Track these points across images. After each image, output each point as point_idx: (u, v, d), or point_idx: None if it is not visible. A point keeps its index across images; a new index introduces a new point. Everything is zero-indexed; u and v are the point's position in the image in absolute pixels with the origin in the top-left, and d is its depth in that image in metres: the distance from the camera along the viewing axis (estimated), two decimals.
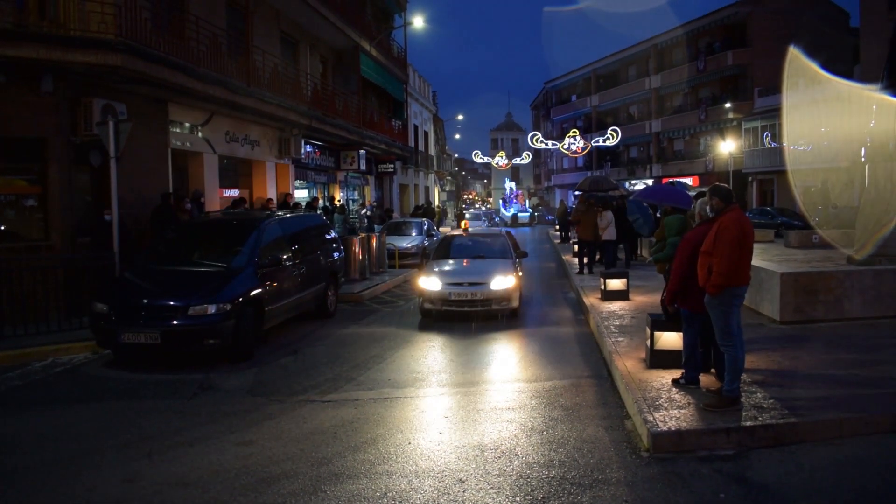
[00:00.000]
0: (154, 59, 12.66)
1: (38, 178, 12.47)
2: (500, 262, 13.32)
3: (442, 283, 12.47)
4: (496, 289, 12.32)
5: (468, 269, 13.18)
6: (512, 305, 12.56)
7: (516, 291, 12.62)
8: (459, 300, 12.33)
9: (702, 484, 5.47)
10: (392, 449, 6.41)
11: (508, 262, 13.34)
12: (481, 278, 12.55)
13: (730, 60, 47.40)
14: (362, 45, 27.98)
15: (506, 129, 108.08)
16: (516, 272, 12.93)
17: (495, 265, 13.05)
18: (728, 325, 6.69)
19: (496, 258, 13.65)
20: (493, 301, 12.33)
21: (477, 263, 13.48)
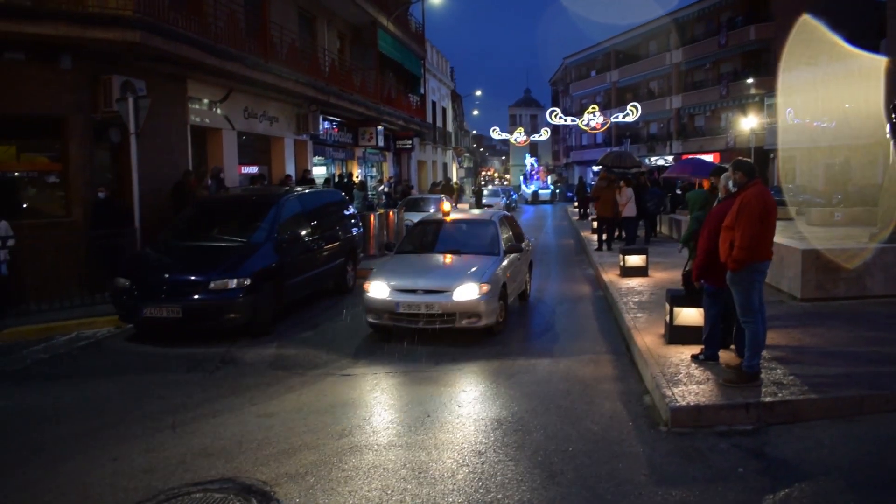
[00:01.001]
0: (172, 35, 12.67)
1: (58, 156, 12.58)
2: (479, 260, 10.07)
3: (389, 290, 9.39)
4: (461, 299, 9.11)
5: (430, 270, 10.05)
6: (483, 322, 9.26)
7: (492, 303, 9.31)
8: (409, 314, 9.25)
9: (720, 458, 5.48)
10: (411, 422, 6.47)
11: (490, 260, 10.09)
12: (443, 283, 9.36)
13: (752, 35, 46.66)
14: (380, 20, 27.81)
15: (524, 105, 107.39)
16: (499, 274, 9.83)
17: (469, 265, 9.85)
18: (750, 301, 6.65)
19: (475, 254, 10.36)
20: (457, 316, 9.17)
21: (447, 260, 10.42)
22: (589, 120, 50.27)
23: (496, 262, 10.10)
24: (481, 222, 11.56)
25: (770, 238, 6.68)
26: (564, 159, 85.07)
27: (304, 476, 5.32)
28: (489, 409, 6.77)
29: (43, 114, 12.19)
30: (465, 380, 7.83)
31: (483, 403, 6.97)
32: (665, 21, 58.16)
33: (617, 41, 67.41)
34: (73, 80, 12.25)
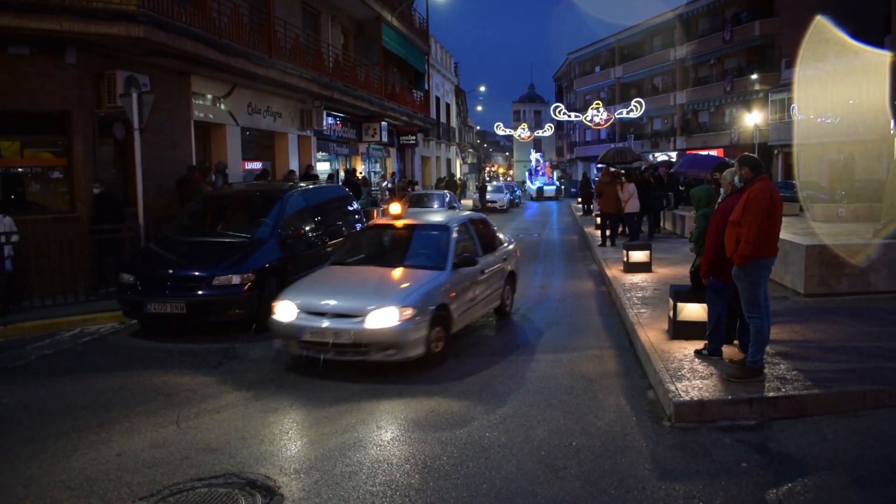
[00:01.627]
0: (176, 30, 12.67)
1: (63, 151, 12.60)
2: (415, 276, 8.42)
3: (297, 311, 7.86)
4: (375, 326, 7.44)
5: (350, 288, 8.33)
6: (404, 355, 7.58)
7: (417, 331, 7.59)
8: (315, 342, 7.67)
9: (724, 453, 5.48)
10: (417, 416, 6.48)
11: (429, 276, 8.36)
12: (356, 306, 7.70)
13: (757, 31, 46.56)
14: (384, 15, 27.80)
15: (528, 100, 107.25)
16: (433, 295, 8.05)
17: (397, 283, 8.29)
18: (755, 296, 6.65)
19: (417, 268, 8.68)
20: (371, 346, 7.52)
21: (375, 276, 8.66)
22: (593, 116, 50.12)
23: (436, 279, 8.32)
24: (432, 229, 9.65)
25: (776, 234, 6.67)
26: (568, 155, 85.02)
27: (308, 471, 5.34)
28: (493, 404, 6.78)
29: (47, 109, 12.21)
30: (470, 373, 7.83)
31: (487, 398, 6.98)
32: (669, 17, 58.03)
33: (621, 37, 67.32)
34: (78, 76, 12.27)
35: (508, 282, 10.70)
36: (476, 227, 10.21)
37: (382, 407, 6.80)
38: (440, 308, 8.09)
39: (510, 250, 11.09)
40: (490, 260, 9.92)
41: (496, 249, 10.42)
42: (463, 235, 9.59)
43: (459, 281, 8.71)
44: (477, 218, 10.77)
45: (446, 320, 8.25)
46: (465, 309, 8.83)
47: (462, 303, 8.73)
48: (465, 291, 8.87)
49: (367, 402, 6.90)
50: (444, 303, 8.19)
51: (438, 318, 8.01)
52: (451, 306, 8.33)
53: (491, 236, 10.61)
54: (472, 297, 9.07)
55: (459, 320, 8.67)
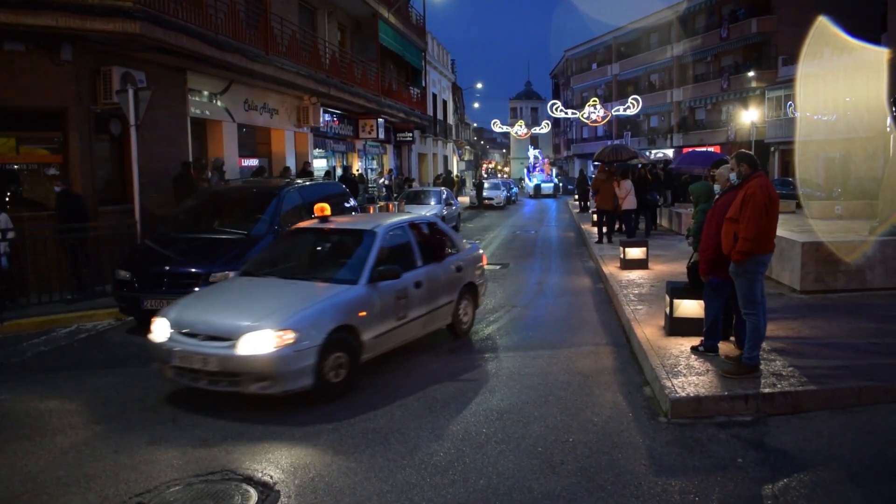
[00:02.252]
0: (173, 26, 12.65)
1: (59, 148, 12.58)
2: (316, 291, 7.32)
3: (170, 330, 6.88)
4: (248, 353, 6.36)
5: (234, 304, 7.25)
6: (283, 388, 6.43)
7: (301, 359, 6.44)
8: (185, 368, 6.67)
9: (720, 449, 5.50)
10: (412, 413, 6.48)
11: (333, 292, 7.25)
12: (230, 327, 6.61)
13: (754, 28, 46.56)
14: (380, 12, 27.78)
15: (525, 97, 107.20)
16: (330, 315, 6.86)
17: (293, 300, 7.04)
18: (752, 292, 6.66)
19: (328, 281, 7.58)
20: (243, 377, 6.43)
21: (271, 291, 7.44)
22: (590, 113, 50.12)
23: (340, 295, 7.17)
24: (354, 236, 8.39)
25: (773, 230, 6.69)
26: (565, 152, 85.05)
27: (305, 467, 5.34)
28: (490, 400, 6.79)
29: (43, 105, 12.18)
30: (467, 368, 7.84)
31: (484, 394, 6.98)
32: (667, 14, 58.03)
33: (618, 34, 67.32)
34: (74, 72, 12.24)
35: (466, 295, 9.30)
36: (418, 232, 8.94)
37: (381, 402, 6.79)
38: (341, 330, 6.86)
39: (469, 258, 9.58)
40: (434, 270, 8.59)
41: (445, 258, 8.98)
42: (394, 243, 8.38)
43: (378, 297, 7.43)
44: (421, 222, 9.39)
45: (352, 344, 7.00)
46: (386, 330, 7.53)
47: (382, 323, 7.47)
48: (389, 309, 7.60)
49: (360, 398, 6.89)
50: (347, 324, 6.95)
51: (338, 343, 6.80)
52: (359, 328, 7.08)
53: (439, 243, 9.19)
54: (401, 316, 7.80)
55: (376, 344, 7.40)
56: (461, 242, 9.84)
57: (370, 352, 7.35)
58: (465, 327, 9.38)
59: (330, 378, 6.76)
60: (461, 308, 9.18)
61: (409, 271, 8.04)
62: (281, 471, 5.27)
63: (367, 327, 7.23)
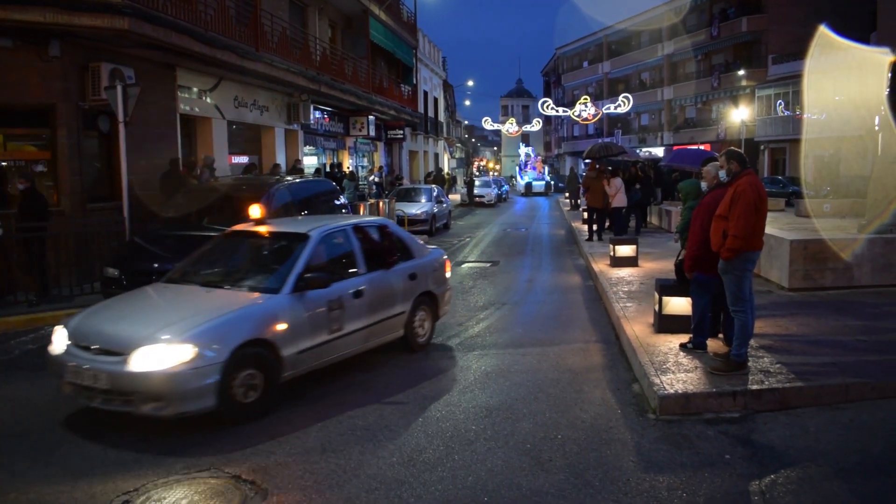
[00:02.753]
0: (162, 22, 12.59)
1: (47, 144, 12.51)
2: (233, 300, 6.70)
3: (67, 342, 6.30)
4: (138, 370, 5.73)
5: (139, 314, 6.65)
6: (178, 409, 5.79)
7: (201, 377, 5.78)
8: (77, 385, 6.03)
9: (707, 445, 5.52)
10: (401, 410, 6.48)
11: (250, 301, 6.66)
12: (124, 340, 5.98)
13: (744, 27, 46.70)
14: (371, 9, 27.72)
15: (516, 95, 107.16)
16: (237, 328, 6.20)
17: (202, 310, 6.40)
18: (741, 290, 6.69)
19: (250, 290, 6.93)
20: (134, 397, 5.76)
21: (184, 300, 6.86)
22: (581, 111, 50.18)
23: (256, 306, 6.57)
24: (284, 240, 7.74)
25: (762, 227, 6.73)
26: (556, 150, 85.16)
27: (292, 465, 5.33)
28: (479, 397, 6.80)
29: (31, 102, 12.11)
30: (456, 366, 7.84)
31: (473, 391, 6.99)
32: (658, 12, 58.14)
33: (609, 32, 67.39)
34: (62, 68, 12.17)
35: (423, 305, 8.57)
36: (363, 237, 8.14)
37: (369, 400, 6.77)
38: (254, 345, 6.22)
39: (426, 264, 8.81)
40: (381, 278, 7.88)
41: (394, 265, 8.18)
42: (333, 248, 7.72)
43: (304, 308, 6.75)
44: (369, 225, 8.62)
45: (267, 361, 6.34)
46: (314, 344, 6.84)
47: (309, 337, 6.79)
48: (319, 321, 6.92)
49: (351, 394, 6.88)
50: (261, 338, 6.30)
51: (249, 359, 6.16)
52: (277, 342, 6.41)
53: (388, 248, 8.38)
54: (335, 329, 7.10)
55: (301, 360, 6.72)
56: (419, 247, 8.98)
57: (294, 369, 6.64)
58: (422, 340, 8.57)
59: (239, 398, 6.09)
60: (416, 319, 8.44)
61: (347, 279, 7.43)
62: (267, 468, 5.26)
63: (289, 342, 6.52)
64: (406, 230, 10.17)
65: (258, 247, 8.06)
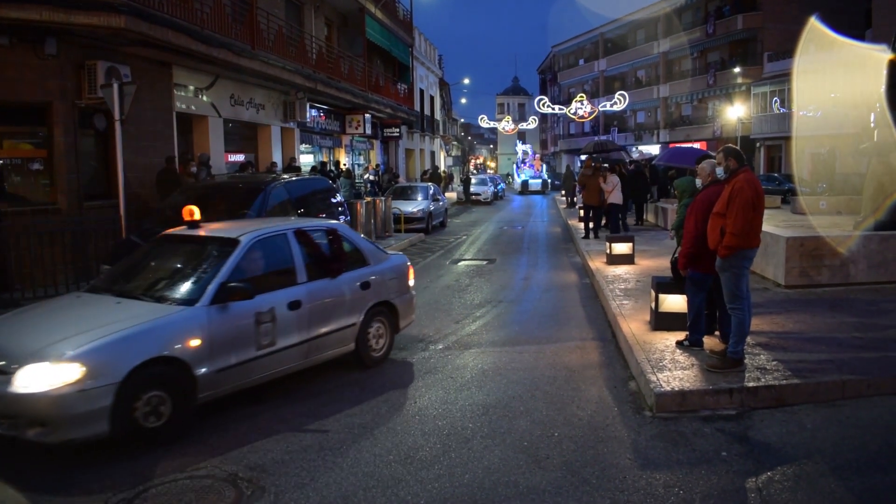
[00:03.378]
0: (158, 20, 12.56)
1: (43, 142, 12.48)
2: (142, 312, 5.94)
3: None
4: (22, 391, 5.18)
5: (40, 327, 5.96)
6: (63, 436, 5.22)
7: (93, 401, 5.20)
8: None
9: (704, 442, 5.54)
10: (398, 408, 6.49)
11: (160, 314, 5.93)
12: (12, 357, 5.42)
13: (739, 24, 46.78)
14: (367, 7, 27.70)
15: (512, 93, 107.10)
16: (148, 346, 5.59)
17: (104, 322, 5.73)
18: (738, 287, 6.71)
19: (161, 300, 6.24)
20: (19, 420, 5.25)
21: (92, 312, 6.15)
22: (577, 108, 50.25)
23: (166, 319, 5.86)
24: (215, 246, 6.90)
25: (759, 225, 6.73)
26: (552, 148, 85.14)
27: (289, 462, 5.34)
28: (476, 395, 6.80)
29: (27, 100, 12.07)
30: (451, 364, 7.84)
31: (470, 389, 7.00)
32: (653, 10, 58.19)
33: (605, 30, 67.43)
34: (58, 66, 12.14)
35: (379, 317, 7.92)
36: (306, 242, 7.33)
37: (364, 398, 6.78)
38: (159, 363, 5.61)
39: (383, 272, 8.09)
40: (324, 287, 7.22)
41: (341, 272, 7.47)
42: (267, 255, 6.99)
43: (225, 321, 6.12)
44: (314, 229, 7.71)
45: (177, 381, 5.73)
46: (239, 362, 6.21)
47: (232, 353, 6.16)
48: (244, 336, 6.29)
49: (349, 393, 6.89)
50: (168, 355, 5.67)
51: (153, 379, 5.56)
52: (190, 360, 5.79)
53: (336, 254, 7.58)
54: (266, 344, 6.44)
55: (223, 379, 6.09)
56: (375, 253, 8.23)
57: (213, 389, 6.03)
58: (377, 355, 7.88)
59: (142, 423, 5.48)
60: (371, 332, 7.78)
61: (282, 289, 6.78)
62: (265, 466, 5.26)
63: (204, 359, 5.91)
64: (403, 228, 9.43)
65: (187, 253, 7.21)
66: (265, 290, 6.57)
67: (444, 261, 16.50)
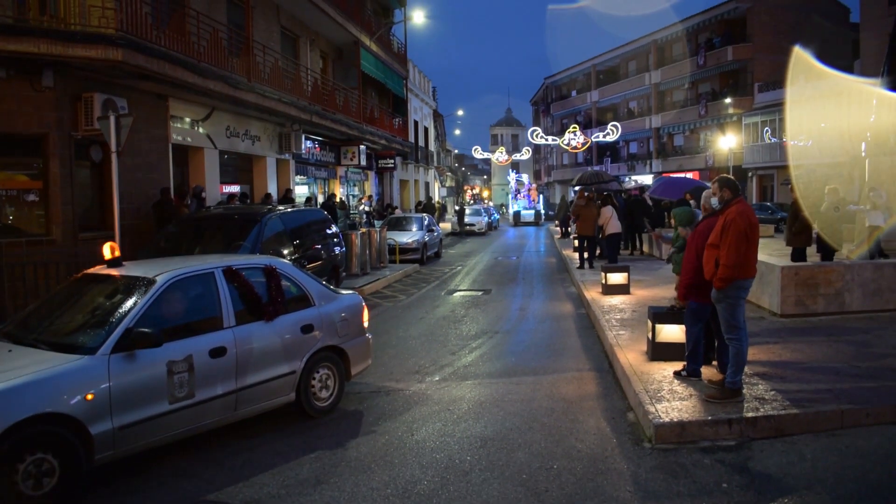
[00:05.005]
0: (155, 53, 12.65)
1: (39, 173, 12.48)
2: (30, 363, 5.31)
3: None
4: None
5: None
6: None
7: None
8: None
9: (704, 474, 5.50)
10: (396, 441, 6.44)
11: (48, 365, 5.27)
12: None
13: (730, 56, 47.35)
14: (362, 40, 27.95)
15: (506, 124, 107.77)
16: (24, 404, 4.92)
17: None
18: (734, 317, 6.70)
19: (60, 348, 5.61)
20: None
21: None
22: (570, 139, 50.49)
23: (55, 371, 5.20)
24: (128, 287, 6.20)
25: (754, 255, 6.74)
26: (546, 178, 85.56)
27: (286, 497, 5.28)
28: (473, 428, 6.75)
29: (23, 131, 12.09)
30: (449, 397, 7.80)
31: (467, 422, 6.95)
32: (644, 42, 58.91)
33: (597, 61, 68.13)
34: (55, 98, 12.19)
35: (325, 363, 7.29)
36: (237, 282, 6.69)
37: (355, 429, 6.72)
38: (44, 421, 4.98)
39: (332, 313, 7.46)
40: (256, 332, 6.61)
41: (277, 314, 6.83)
42: (188, 296, 6.38)
43: (129, 372, 5.52)
44: (245, 267, 6.98)
45: (67, 441, 5.07)
46: (147, 417, 5.59)
47: (140, 408, 5.55)
48: (155, 388, 5.69)
49: (345, 426, 6.83)
50: (57, 412, 5.04)
51: (37, 440, 4.95)
52: (83, 417, 5.16)
53: (272, 295, 6.90)
54: (181, 396, 5.84)
55: (125, 437, 5.45)
56: (322, 293, 7.55)
57: (114, 448, 5.39)
58: (324, 405, 7.19)
59: (24, 490, 4.84)
60: (316, 380, 7.15)
61: (203, 335, 6.18)
62: (261, 500, 5.20)
63: (103, 415, 5.28)
64: (398, 258, 8.64)
65: (100, 294, 6.48)
66: (183, 335, 6.03)
67: (440, 291, 16.48)
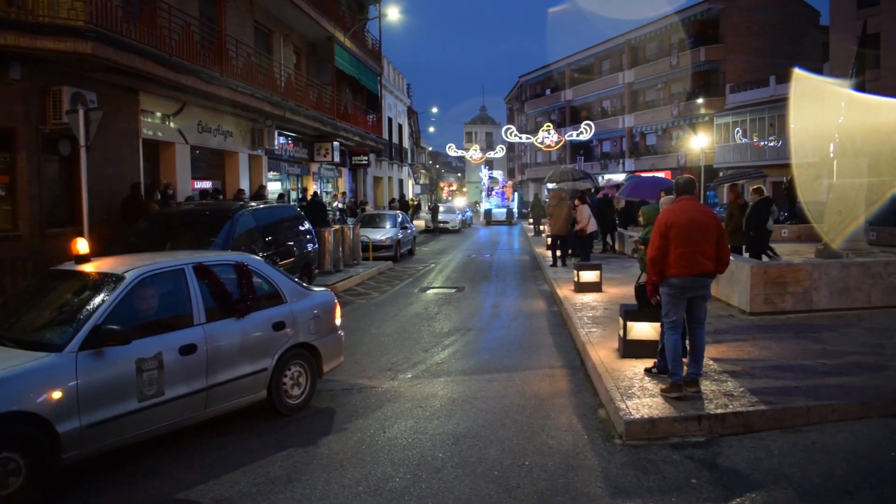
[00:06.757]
0: (125, 46, 12.49)
1: (5, 168, 12.27)
2: None
3: None
4: None
5: None
6: None
7: None
8: None
9: (674, 470, 5.55)
10: (368, 438, 6.42)
11: (17, 361, 5.20)
12: None
13: (702, 56, 47.81)
14: (336, 36, 27.82)
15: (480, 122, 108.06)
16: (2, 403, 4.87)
17: None
18: (666, 313, 6.97)
19: (26, 346, 5.51)
20: None
21: None
22: (544, 138, 50.57)
23: (20, 369, 5.11)
24: (97, 283, 6.11)
25: (679, 253, 6.72)
26: (520, 176, 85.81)
27: (256, 495, 5.25)
28: (446, 425, 6.76)
29: None
30: (421, 394, 7.79)
31: (440, 419, 6.95)
32: (618, 41, 59.28)
33: (571, 60, 68.40)
34: (23, 91, 12.00)
35: (297, 360, 7.25)
36: (208, 278, 6.62)
37: (327, 426, 6.70)
38: (8, 420, 4.87)
39: (304, 310, 7.42)
40: (227, 329, 6.55)
41: (248, 312, 6.77)
42: (157, 293, 6.31)
43: (96, 370, 5.42)
44: (216, 263, 6.92)
45: (33, 440, 4.97)
46: (115, 415, 5.49)
47: (108, 406, 5.46)
48: (124, 386, 5.61)
49: (318, 424, 6.81)
50: (21, 410, 4.94)
51: (5, 439, 4.85)
52: (49, 415, 5.07)
53: (243, 292, 6.84)
54: (151, 394, 5.76)
55: (93, 436, 5.35)
56: (294, 290, 7.51)
57: (82, 447, 5.29)
58: (295, 402, 7.17)
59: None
60: (287, 377, 7.11)
61: (173, 332, 6.12)
62: (232, 499, 5.16)
63: (70, 414, 5.19)
64: (371, 256, 8.78)
65: (68, 291, 6.37)
66: (152, 332, 5.95)
67: (413, 289, 16.46)
